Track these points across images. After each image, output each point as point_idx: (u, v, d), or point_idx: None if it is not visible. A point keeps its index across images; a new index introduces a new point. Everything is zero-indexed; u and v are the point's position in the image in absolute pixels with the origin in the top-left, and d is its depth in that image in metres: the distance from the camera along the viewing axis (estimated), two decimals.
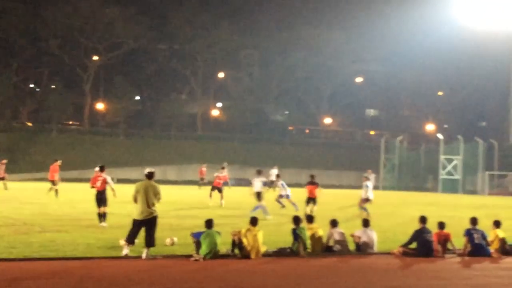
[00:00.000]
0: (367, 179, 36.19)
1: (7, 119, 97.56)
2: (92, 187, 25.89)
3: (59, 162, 45.80)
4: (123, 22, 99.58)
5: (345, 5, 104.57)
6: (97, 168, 25.63)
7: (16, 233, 21.42)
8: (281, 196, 37.49)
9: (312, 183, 33.56)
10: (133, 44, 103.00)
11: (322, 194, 33.99)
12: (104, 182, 25.75)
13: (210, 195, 38.23)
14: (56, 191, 41.92)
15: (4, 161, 52.03)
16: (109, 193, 25.67)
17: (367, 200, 34.38)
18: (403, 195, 61.26)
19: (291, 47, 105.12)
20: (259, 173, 33.35)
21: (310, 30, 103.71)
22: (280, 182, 38.18)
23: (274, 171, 61.25)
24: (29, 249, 17.95)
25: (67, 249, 18.35)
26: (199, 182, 63.41)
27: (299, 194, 36.32)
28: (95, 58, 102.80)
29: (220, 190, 38.37)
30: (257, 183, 32.53)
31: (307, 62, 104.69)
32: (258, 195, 32.23)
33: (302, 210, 31.51)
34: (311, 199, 33.25)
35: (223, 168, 40.78)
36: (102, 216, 25.11)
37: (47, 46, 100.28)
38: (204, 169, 65.23)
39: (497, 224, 21.44)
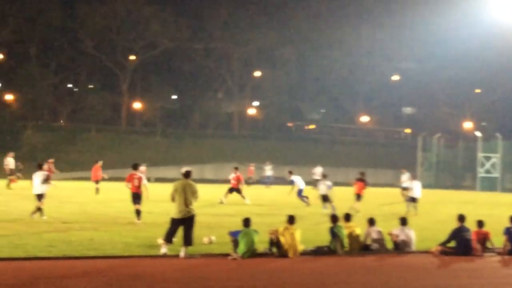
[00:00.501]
0: (413, 177, 36.73)
1: (46, 120, 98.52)
2: (129, 186, 26.19)
3: (100, 163, 46.39)
4: (160, 22, 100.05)
5: (381, 3, 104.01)
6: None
7: (55, 232, 21.61)
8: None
9: (361, 180, 34.75)
10: (169, 43, 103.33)
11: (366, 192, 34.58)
12: (140, 180, 26.08)
13: (226, 196, 37.82)
14: (97, 189, 42.50)
15: (52, 160, 52.74)
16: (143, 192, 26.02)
17: (413, 199, 34.62)
18: (441, 193, 60.86)
19: (328, 46, 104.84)
20: (324, 176, 34.83)
21: (346, 28, 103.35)
22: (292, 177, 38.75)
23: (318, 170, 61.58)
24: (69, 248, 18.10)
25: (106, 247, 18.47)
26: (247, 181, 63.64)
27: (339, 193, 36.15)
28: (132, 58, 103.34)
29: (238, 191, 38.36)
30: (322, 186, 33.62)
31: (343, 60, 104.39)
32: (324, 198, 33.32)
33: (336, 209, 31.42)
34: (358, 196, 34.19)
35: (236, 168, 40.32)
36: (138, 214, 25.47)
37: (84, 47, 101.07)
38: (252, 168, 65.48)
39: None
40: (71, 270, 15.13)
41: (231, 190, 38.34)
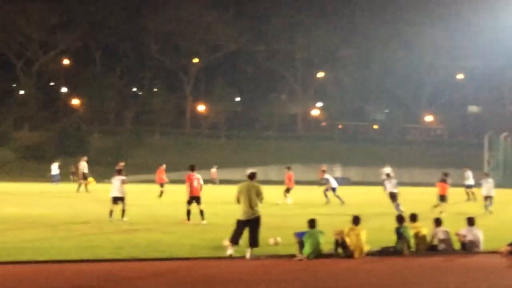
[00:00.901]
0: (487, 175, 36.92)
1: (112, 124, 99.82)
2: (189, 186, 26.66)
3: (163, 166, 47.12)
4: (222, 25, 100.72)
5: (444, 1, 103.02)
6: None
7: (123, 234, 21.89)
8: (327, 189, 38.11)
9: (444, 180, 34.98)
10: (232, 46, 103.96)
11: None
12: (199, 181, 26.54)
13: (286, 196, 39.01)
14: (161, 192, 43.05)
15: (122, 163, 53.60)
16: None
17: (487, 197, 34.74)
18: (509, 192, 59.94)
19: (390, 45, 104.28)
20: (388, 176, 35.62)
21: (409, 27, 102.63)
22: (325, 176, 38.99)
23: (386, 170, 61.40)
24: (136, 250, 18.32)
25: (172, 249, 18.64)
26: (320, 182, 63.58)
27: (405, 193, 35.91)
28: (196, 61, 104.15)
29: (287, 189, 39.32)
30: (388, 185, 34.03)
31: (406, 60, 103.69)
32: (392, 196, 33.65)
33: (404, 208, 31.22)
34: (442, 197, 34.28)
35: (288, 168, 41.88)
36: (201, 214, 25.79)
37: (148, 51, 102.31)
38: (324, 169, 65.45)
39: None
40: (138, 272, 15.32)
41: (288, 190, 39.24)
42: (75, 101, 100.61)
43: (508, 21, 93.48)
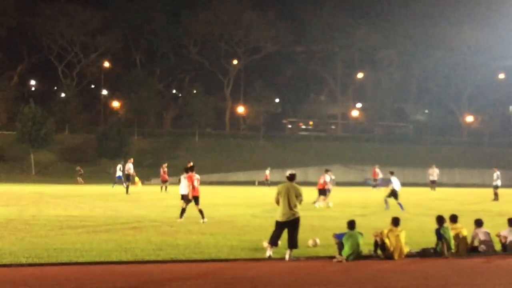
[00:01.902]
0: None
1: (152, 125, 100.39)
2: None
3: (165, 165, 48.88)
4: (262, 26, 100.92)
5: (484, 1, 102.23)
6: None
7: (163, 236, 21.98)
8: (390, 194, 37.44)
9: None
10: (271, 47, 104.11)
11: None
12: (198, 181, 26.93)
13: (326, 199, 37.52)
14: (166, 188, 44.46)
15: (165, 165, 54.21)
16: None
17: None
18: None
19: (430, 46, 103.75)
20: (392, 173, 35.71)
21: (448, 28, 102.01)
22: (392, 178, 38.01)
23: (435, 171, 61.49)
24: (176, 251, 18.39)
25: (212, 251, 18.69)
26: (373, 183, 63.76)
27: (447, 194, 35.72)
28: (235, 62, 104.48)
29: (322, 192, 37.60)
30: (396, 182, 34.38)
31: (446, 60, 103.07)
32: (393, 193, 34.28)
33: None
34: None
35: (327, 171, 39.41)
36: (201, 213, 26.75)
37: (188, 53, 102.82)
38: (377, 170, 65.48)
39: None
40: (178, 274, 15.39)
41: (323, 192, 37.62)
42: (115, 104, 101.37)
43: None
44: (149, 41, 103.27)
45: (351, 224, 18.42)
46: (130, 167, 48.93)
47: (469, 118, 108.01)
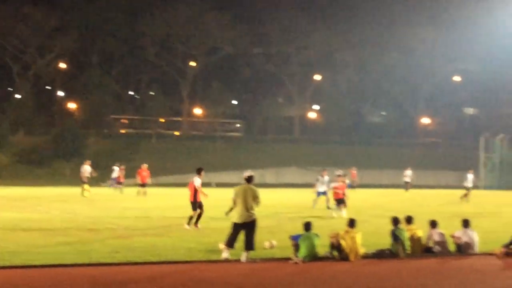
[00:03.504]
0: None
1: (108, 126, 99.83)
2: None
3: (145, 166, 48.12)
4: (220, 28, 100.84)
5: (441, 3, 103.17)
6: None
7: (119, 238, 21.90)
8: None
9: None
10: (229, 49, 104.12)
11: None
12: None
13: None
14: (145, 193, 43.85)
15: (122, 167, 54.06)
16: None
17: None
18: (505, 194, 60.05)
19: (387, 48, 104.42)
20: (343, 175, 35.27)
21: (406, 30, 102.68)
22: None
23: (408, 172, 62.28)
24: (132, 254, 18.32)
25: (168, 253, 18.67)
26: (351, 185, 63.99)
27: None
28: (192, 64, 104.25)
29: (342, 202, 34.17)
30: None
31: (403, 62, 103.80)
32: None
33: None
34: None
35: (339, 175, 35.45)
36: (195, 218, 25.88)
37: (145, 54, 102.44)
38: (354, 172, 65.76)
39: None
40: (134, 276, 15.33)
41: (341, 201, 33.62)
42: (72, 105, 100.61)
43: (505, 24, 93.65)
44: (106, 42, 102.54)
45: (307, 226, 18.50)
46: (86, 169, 48.66)
47: (425, 120, 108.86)
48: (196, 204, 25.17)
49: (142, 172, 48.31)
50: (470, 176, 49.19)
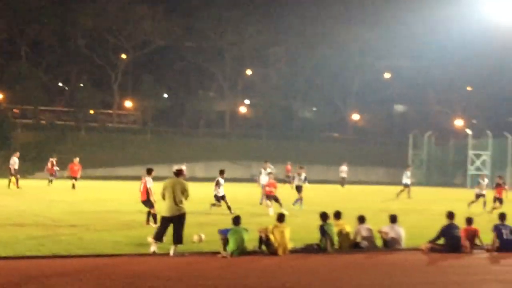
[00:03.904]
0: (484, 176, 39.18)
1: (37, 118, 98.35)
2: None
3: (77, 160, 47.61)
4: (151, 20, 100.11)
5: (372, 1, 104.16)
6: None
7: (45, 231, 21.60)
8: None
9: (500, 185, 37.48)
10: (161, 42, 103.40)
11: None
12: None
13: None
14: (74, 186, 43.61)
15: (53, 159, 53.50)
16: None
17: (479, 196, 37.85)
18: (432, 191, 61.02)
19: (319, 44, 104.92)
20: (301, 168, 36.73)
21: (337, 26, 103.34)
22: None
23: (344, 168, 63.08)
24: (58, 247, 18.10)
25: (96, 246, 18.49)
26: (286, 180, 63.98)
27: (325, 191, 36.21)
28: (123, 56, 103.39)
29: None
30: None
31: (334, 58, 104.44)
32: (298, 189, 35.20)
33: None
34: (500, 199, 36.53)
35: (269, 173, 36.04)
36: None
37: (75, 45, 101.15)
38: (289, 167, 65.88)
39: None
40: (61, 269, 15.13)
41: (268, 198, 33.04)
42: None
43: (435, 21, 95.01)
44: (35, 32, 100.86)
45: (236, 220, 18.50)
46: (15, 161, 47.91)
47: (355, 116, 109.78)
48: (150, 202, 24.52)
49: (73, 166, 47.75)
50: (408, 173, 49.91)
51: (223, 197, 31.48)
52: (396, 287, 14.29)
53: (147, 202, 24.41)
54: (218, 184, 31.57)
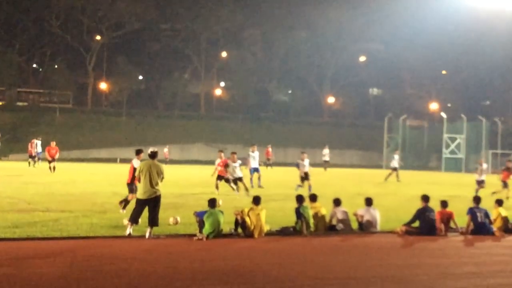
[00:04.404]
0: (483, 162, 38.94)
1: (11, 99, 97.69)
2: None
3: (53, 143, 47.29)
4: (126, 2, 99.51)
5: None
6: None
7: (19, 213, 21.46)
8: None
9: (508, 169, 36.68)
10: (136, 23, 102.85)
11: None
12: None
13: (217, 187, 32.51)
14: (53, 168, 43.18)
15: (34, 140, 53.50)
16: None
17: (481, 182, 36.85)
18: (406, 174, 61.22)
19: (294, 27, 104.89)
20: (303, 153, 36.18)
21: (313, 9, 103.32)
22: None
23: (326, 151, 63.48)
24: (33, 229, 18.00)
25: (70, 228, 18.41)
26: (266, 163, 64.01)
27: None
28: (98, 38, 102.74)
29: (227, 180, 32.64)
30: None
31: (310, 41, 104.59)
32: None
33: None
34: (505, 183, 35.67)
35: (221, 151, 34.95)
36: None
37: (49, 26, 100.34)
38: (269, 149, 65.96)
39: (499, 202, 21.55)
40: (35, 251, 15.05)
41: (219, 178, 32.73)
42: None
43: (409, 5, 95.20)
44: (7, 13, 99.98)
45: (212, 203, 18.48)
46: None
47: (331, 99, 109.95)
48: (133, 187, 24.23)
49: (50, 150, 47.38)
50: (396, 157, 50.17)
51: (240, 179, 31.58)
52: (371, 269, 14.34)
53: (129, 185, 24.25)
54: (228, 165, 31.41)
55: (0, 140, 49.54)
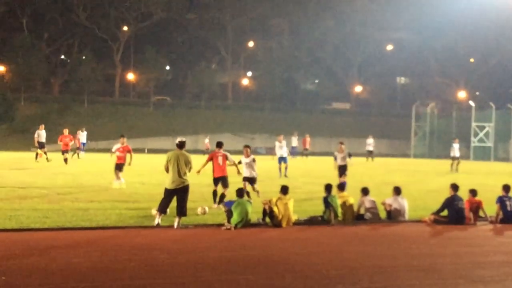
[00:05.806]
0: None
1: (39, 91, 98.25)
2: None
3: (66, 131, 47.00)
4: None
5: None
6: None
7: (49, 203, 21.60)
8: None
9: None
10: (163, 14, 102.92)
11: None
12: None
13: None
14: (66, 160, 43.33)
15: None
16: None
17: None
18: (434, 163, 60.97)
19: (321, 16, 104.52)
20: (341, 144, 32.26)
21: None
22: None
23: (370, 141, 63.49)
24: (62, 219, 18.12)
25: (100, 218, 18.51)
26: (303, 152, 64.32)
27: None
28: (125, 28, 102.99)
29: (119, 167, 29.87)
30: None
31: (337, 30, 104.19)
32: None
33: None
34: None
35: (122, 136, 31.29)
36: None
37: (76, 17, 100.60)
38: (308, 139, 66.21)
39: None
40: (65, 241, 15.15)
41: (117, 167, 29.19)
42: (1, 68, 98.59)
43: None
44: (36, 5, 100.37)
45: (240, 192, 18.52)
46: (39, 134, 47.44)
47: (358, 88, 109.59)
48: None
49: (64, 138, 46.81)
50: (456, 146, 49.39)
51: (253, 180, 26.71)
52: (399, 258, 14.31)
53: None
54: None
55: (22, 132, 49.72)
